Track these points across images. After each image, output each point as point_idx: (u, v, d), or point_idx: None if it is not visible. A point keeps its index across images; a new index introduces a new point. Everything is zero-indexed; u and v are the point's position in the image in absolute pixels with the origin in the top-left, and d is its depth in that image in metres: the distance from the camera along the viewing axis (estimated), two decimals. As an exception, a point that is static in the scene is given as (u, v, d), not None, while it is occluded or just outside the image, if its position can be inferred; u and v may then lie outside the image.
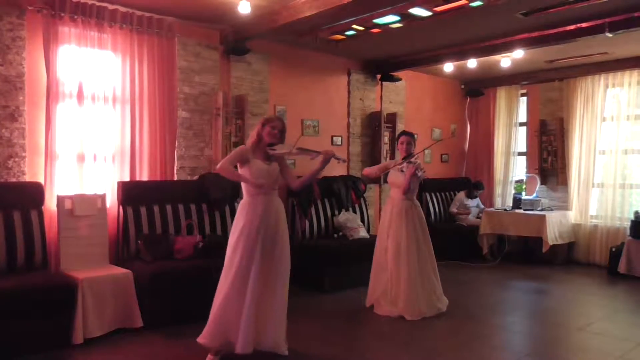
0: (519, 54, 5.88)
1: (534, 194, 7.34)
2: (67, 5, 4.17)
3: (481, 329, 4.18)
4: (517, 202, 7.05)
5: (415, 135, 4.97)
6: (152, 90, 4.71)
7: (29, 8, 4.09)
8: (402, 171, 4.50)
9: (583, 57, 6.36)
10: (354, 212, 6.14)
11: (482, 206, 7.54)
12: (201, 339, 3.28)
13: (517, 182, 7.61)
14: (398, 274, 4.40)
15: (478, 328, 4.20)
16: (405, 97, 7.32)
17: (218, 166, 3.36)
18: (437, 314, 4.45)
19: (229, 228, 4.89)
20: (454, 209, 7.40)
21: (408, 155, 4.56)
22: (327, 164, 3.40)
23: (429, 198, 7.27)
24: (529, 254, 7.00)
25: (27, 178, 4.11)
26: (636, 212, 6.15)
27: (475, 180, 7.68)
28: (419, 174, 4.45)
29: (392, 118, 6.91)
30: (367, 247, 5.52)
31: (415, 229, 4.47)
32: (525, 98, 7.75)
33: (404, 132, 4.74)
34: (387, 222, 4.53)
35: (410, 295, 4.35)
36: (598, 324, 4.35)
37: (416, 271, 4.41)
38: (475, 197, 7.54)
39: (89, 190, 4.34)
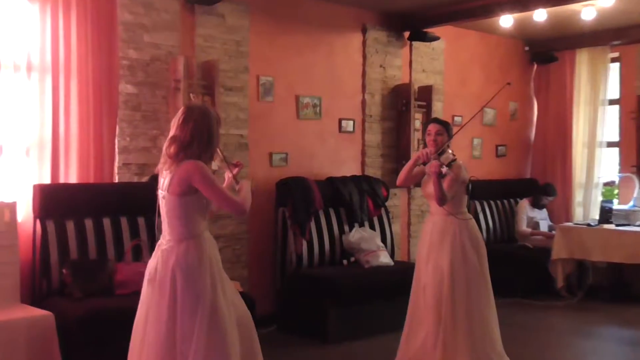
0: (608, 1, 5.86)
1: (631, 203, 7.32)
2: None
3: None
4: (607, 214, 7.01)
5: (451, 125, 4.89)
6: (84, 54, 4.72)
7: None
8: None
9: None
10: (372, 228, 6.15)
11: (549, 222, 7.49)
12: None
13: (605, 185, 7.59)
14: (439, 322, 4.36)
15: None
16: (445, 64, 7.33)
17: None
18: None
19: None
20: (523, 227, 7.33)
21: (440, 151, 4.50)
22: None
23: (479, 208, 7.29)
24: (623, 288, 6.98)
25: None
26: None
27: (545, 182, 7.67)
28: (444, 170, 4.29)
29: (426, 93, 6.91)
30: (389, 278, 5.51)
31: (466, 255, 4.42)
32: (617, 64, 7.76)
33: (434, 120, 4.71)
34: (426, 248, 4.46)
35: (464, 351, 4.29)
36: None
37: (472, 317, 4.37)
38: (544, 206, 7.52)
39: (-7, 197, 4.35)
